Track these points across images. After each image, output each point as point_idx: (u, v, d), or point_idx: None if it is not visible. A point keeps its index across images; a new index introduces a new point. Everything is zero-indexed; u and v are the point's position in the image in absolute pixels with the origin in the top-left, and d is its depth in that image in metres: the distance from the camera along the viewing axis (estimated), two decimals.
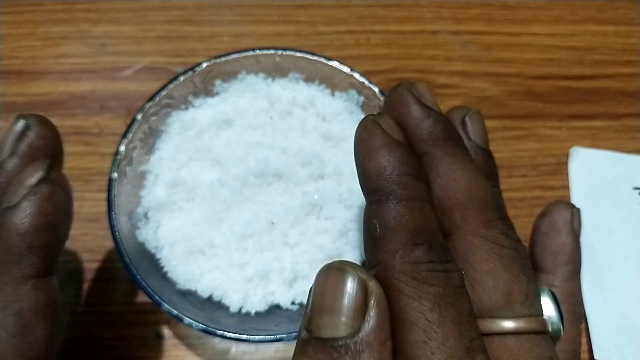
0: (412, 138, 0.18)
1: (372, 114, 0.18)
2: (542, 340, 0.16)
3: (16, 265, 0.17)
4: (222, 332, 0.22)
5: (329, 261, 0.16)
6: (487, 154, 0.21)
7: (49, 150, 0.20)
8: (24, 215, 0.17)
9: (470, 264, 0.16)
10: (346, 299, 0.14)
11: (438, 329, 0.14)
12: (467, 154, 0.19)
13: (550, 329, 0.17)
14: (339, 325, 0.14)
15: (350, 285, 0.14)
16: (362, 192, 0.18)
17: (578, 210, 0.26)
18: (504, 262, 0.16)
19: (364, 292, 0.14)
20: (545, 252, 0.26)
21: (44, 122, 0.20)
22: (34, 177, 0.18)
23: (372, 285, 0.15)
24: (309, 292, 0.15)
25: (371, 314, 0.14)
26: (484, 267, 0.16)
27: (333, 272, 0.15)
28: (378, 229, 0.16)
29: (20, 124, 0.20)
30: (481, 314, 0.16)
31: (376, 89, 0.28)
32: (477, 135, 0.21)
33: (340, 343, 0.14)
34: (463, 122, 0.21)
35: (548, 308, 0.20)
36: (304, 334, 0.15)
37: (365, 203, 0.17)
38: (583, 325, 0.29)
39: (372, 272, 0.16)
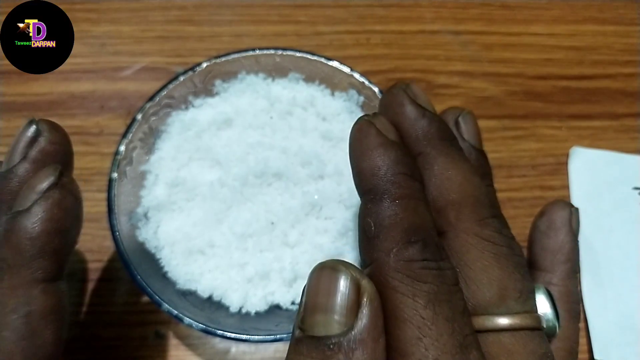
0: (407, 138, 0.19)
1: (366, 114, 0.18)
2: (537, 336, 0.16)
3: (27, 269, 0.17)
4: (222, 332, 0.22)
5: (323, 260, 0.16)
6: (481, 153, 0.21)
7: (60, 156, 0.20)
8: (35, 219, 0.17)
9: (465, 262, 0.16)
10: (339, 298, 0.14)
11: (432, 325, 0.14)
12: (462, 154, 0.19)
13: (545, 326, 0.17)
14: (332, 323, 0.14)
15: (343, 284, 0.14)
16: (357, 192, 0.18)
17: (576, 209, 0.26)
18: (498, 260, 0.16)
19: (356, 291, 0.14)
20: (544, 250, 0.26)
21: (55, 128, 0.20)
22: (45, 182, 0.18)
23: (365, 283, 0.15)
24: (302, 291, 0.15)
25: (364, 311, 0.14)
26: (478, 265, 0.16)
27: (326, 271, 0.15)
28: (373, 228, 0.16)
29: (32, 129, 0.20)
30: (475, 311, 0.16)
31: (376, 89, 0.28)
32: (471, 136, 0.21)
33: (333, 341, 0.14)
34: (457, 123, 0.21)
35: (543, 305, 0.20)
36: (297, 332, 0.15)
37: None
38: (583, 325, 0.29)
39: (366, 271, 0.16)
